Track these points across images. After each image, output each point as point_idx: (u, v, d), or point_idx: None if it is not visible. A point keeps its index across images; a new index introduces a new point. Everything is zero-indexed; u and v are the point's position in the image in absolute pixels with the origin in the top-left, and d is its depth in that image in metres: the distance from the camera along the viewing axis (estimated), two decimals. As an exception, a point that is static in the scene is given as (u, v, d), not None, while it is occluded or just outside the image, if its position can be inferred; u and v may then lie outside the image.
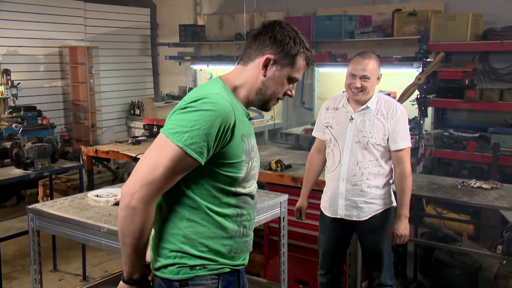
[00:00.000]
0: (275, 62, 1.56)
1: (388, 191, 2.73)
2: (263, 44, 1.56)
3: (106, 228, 2.21)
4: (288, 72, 1.59)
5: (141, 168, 1.45)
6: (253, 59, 1.58)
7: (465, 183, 3.33)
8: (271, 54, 1.56)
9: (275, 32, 1.56)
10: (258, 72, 1.57)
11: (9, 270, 4.19)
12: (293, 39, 1.56)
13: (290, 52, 1.56)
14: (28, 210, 2.51)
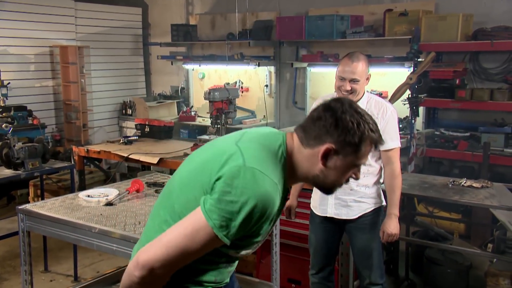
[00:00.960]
0: (337, 152, 1.40)
1: (377, 190, 2.75)
2: (323, 131, 1.40)
3: (98, 229, 2.20)
4: (351, 161, 1.42)
5: (171, 250, 1.35)
6: (312, 145, 1.42)
7: (456, 182, 3.35)
8: (332, 143, 1.39)
9: (337, 117, 1.39)
10: (317, 161, 1.42)
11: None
12: (357, 123, 1.38)
13: (353, 140, 1.39)
14: (18, 211, 2.49)
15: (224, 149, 1.43)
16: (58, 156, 5.66)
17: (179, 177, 1.53)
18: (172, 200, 1.49)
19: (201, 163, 1.46)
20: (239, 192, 1.31)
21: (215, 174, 1.37)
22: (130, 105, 7.08)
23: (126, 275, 1.42)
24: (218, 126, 4.07)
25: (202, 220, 1.34)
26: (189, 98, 7.17)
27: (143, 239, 1.53)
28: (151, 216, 1.60)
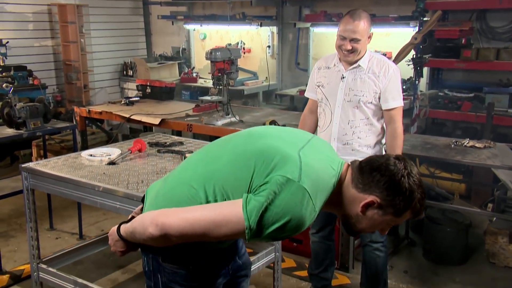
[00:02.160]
0: (379, 207, 1.39)
1: (379, 151, 2.74)
2: (376, 183, 1.37)
3: (102, 187, 2.21)
4: (388, 219, 1.42)
5: (193, 228, 1.36)
6: (360, 189, 1.40)
7: (459, 142, 3.35)
8: (379, 198, 1.37)
9: (394, 179, 1.36)
10: (357, 206, 1.41)
11: (6, 228, 4.23)
12: (410, 192, 1.36)
13: (399, 206, 1.37)
14: (21, 169, 2.50)
15: (284, 150, 1.40)
16: (59, 117, 5.65)
17: (233, 148, 1.49)
18: (216, 166, 1.46)
19: (259, 151, 1.42)
20: (283, 206, 1.32)
21: (267, 173, 1.35)
22: (131, 66, 7.00)
23: (141, 224, 1.43)
24: (220, 87, 4.03)
25: (238, 217, 1.33)
26: (190, 59, 7.08)
27: (168, 187, 1.52)
28: (186, 166, 1.57)
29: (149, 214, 1.44)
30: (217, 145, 1.59)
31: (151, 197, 1.57)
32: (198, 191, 1.44)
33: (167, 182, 1.57)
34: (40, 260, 2.60)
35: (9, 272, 3.48)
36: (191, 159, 1.61)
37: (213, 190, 1.42)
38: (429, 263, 3.63)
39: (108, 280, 3.36)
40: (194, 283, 1.55)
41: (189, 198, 1.44)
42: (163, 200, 1.51)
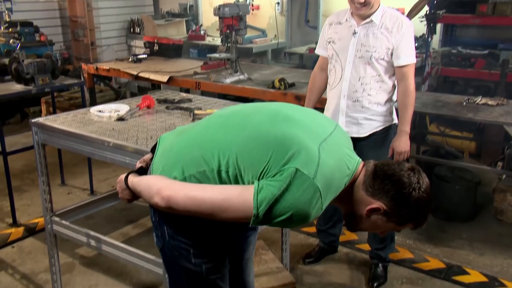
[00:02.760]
0: (384, 214, 1.40)
1: (389, 108, 2.71)
2: (385, 192, 1.37)
3: (112, 143, 2.21)
4: (390, 226, 1.44)
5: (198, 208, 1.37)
6: (369, 192, 1.40)
7: (471, 100, 3.31)
8: (385, 206, 1.38)
9: (404, 192, 1.36)
10: (363, 208, 1.41)
11: (19, 183, 4.32)
12: (417, 206, 1.37)
13: (405, 217, 1.39)
14: (31, 124, 2.51)
15: (306, 142, 1.36)
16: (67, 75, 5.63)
17: (257, 124, 1.43)
18: (236, 138, 1.42)
19: (281, 137, 1.37)
20: (292, 201, 1.30)
21: (284, 163, 1.32)
22: (138, 23, 6.91)
23: (147, 190, 1.45)
24: (228, 45, 3.98)
25: (247, 204, 1.32)
26: (198, 17, 6.96)
27: (184, 144, 1.50)
28: (206, 127, 1.53)
29: (156, 183, 1.44)
30: (241, 114, 1.53)
31: (164, 149, 1.57)
32: (213, 157, 1.41)
33: (183, 138, 1.54)
34: (53, 213, 2.65)
35: (24, 225, 3.58)
36: (212, 121, 1.57)
37: (226, 161, 1.40)
38: (436, 220, 3.66)
39: (119, 234, 3.44)
40: (200, 235, 1.56)
41: (202, 162, 1.43)
42: (176, 156, 1.50)
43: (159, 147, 1.59)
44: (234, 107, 1.63)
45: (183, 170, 1.45)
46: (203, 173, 1.42)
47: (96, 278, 2.96)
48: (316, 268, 3.05)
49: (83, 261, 3.15)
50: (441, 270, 3.02)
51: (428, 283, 2.91)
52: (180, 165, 1.46)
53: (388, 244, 2.91)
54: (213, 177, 1.41)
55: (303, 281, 2.90)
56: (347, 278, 2.96)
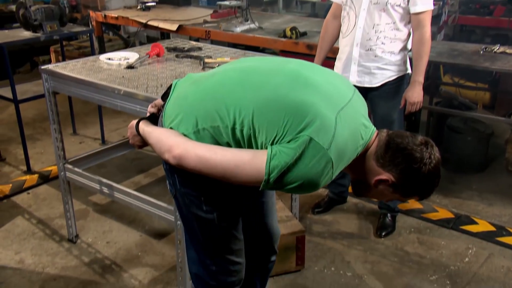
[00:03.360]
0: (392, 185, 1.40)
1: (403, 58, 2.64)
2: (395, 164, 1.37)
3: (123, 91, 2.20)
4: (397, 196, 1.45)
5: (208, 170, 1.37)
6: (379, 163, 1.40)
7: (488, 48, 3.22)
8: (394, 178, 1.38)
9: (414, 167, 1.35)
10: (371, 177, 1.42)
11: (32, 132, 4.37)
12: (425, 181, 1.37)
13: (411, 189, 1.40)
14: (41, 71, 2.50)
15: (323, 111, 1.32)
16: (76, 22, 5.56)
17: (276, 87, 1.39)
18: (254, 97, 1.38)
19: (300, 104, 1.33)
20: (304, 171, 1.29)
21: (300, 130, 1.30)
22: (146, -31, 6.70)
23: (159, 144, 1.45)
24: (239, -8, 3.87)
25: (259, 170, 1.31)
26: (207, -38, 6.74)
27: (201, 96, 1.46)
28: (223, 80, 1.49)
29: (168, 140, 1.42)
30: (260, 72, 1.48)
31: (178, 96, 1.53)
32: (228, 114, 1.38)
33: (200, 89, 1.49)
34: (66, 161, 2.69)
35: (38, 172, 3.65)
36: (230, 75, 1.50)
37: (242, 120, 1.37)
38: (446, 171, 3.66)
39: (131, 183, 3.50)
40: (210, 186, 1.54)
41: (217, 117, 1.40)
42: (191, 107, 1.46)
43: (173, 93, 1.56)
44: (253, 61, 1.58)
45: (197, 122, 1.42)
46: (217, 128, 1.40)
47: (109, 224, 3.04)
48: (325, 217, 3.10)
49: (97, 208, 3.22)
50: (449, 220, 3.05)
51: (436, 232, 2.95)
52: (194, 116, 1.43)
53: (397, 194, 2.93)
54: (227, 134, 1.39)
55: (312, 230, 2.95)
56: (355, 227, 3.01)
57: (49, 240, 2.87)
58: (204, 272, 1.72)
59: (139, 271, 2.60)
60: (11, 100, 3.54)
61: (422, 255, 2.73)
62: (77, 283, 2.50)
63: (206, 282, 1.73)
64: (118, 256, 2.73)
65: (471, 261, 2.68)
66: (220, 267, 1.70)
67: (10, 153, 4.01)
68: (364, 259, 2.69)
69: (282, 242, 2.47)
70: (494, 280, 2.52)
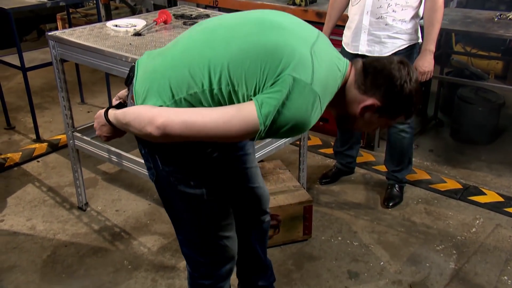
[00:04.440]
0: (378, 110, 1.39)
1: (415, 26, 2.59)
2: (377, 87, 1.37)
3: (130, 58, 2.18)
4: (383, 121, 1.45)
5: (197, 132, 1.29)
6: (362, 90, 1.39)
7: (503, 15, 3.13)
8: (379, 101, 1.38)
9: (397, 84, 1.35)
10: (356, 107, 1.41)
11: (40, 101, 4.38)
12: (409, 98, 1.38)
13: (397, 109, 1.40)
14: (48, 37, 2.48)
15: (298, 48, 1.31)
16: (81, -11, 5.49)
17: (245, 36, 1.35)
18: (226, 52, 1.33)
19: (272, 45, 1.31)
20: (294, 110, 1.27)
21: (279, 72, 1.27)
22: None
23: (137, 120, 1.34)
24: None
25: (251, 122, 1.27)
26: None
27: (169, 65, 1.39)
28: (189, 45, 1.41)
29: (147, 112, 1.33)
30: (225, 26, 1.43)
31: (146, 71, 1.44)
32: (203, 76, 1.33)
33: (167, 60, 1.42)
34: (75, 129, 2.70)
35: (47, 141, 3.68)
36: (194, 38, 1.43)
37: (219, 78, 1.32)
38: (455, 142, 3.64)
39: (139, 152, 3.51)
40: (193, 157, 1.49)
41: (192, 83, 1.34)
42: (162, 78, 1.38)
43: (138, 72, 1.46)
44: (214, 20, 1.51)
45: (172, 93, 1.35)
46: (194, 95, 1.34)
47: (118, 193, 3.07)
48: (332, 188, 3.11)
49: (105, 177, 3.25)
50: (457, 191, 3.05)
51: (443, 203, 2.95)
52: (168, 87, 1.36)
53: (405, 166, 2.92)
54: (205, 99, 1.34)
55: (319, 200, 2.96)
56: (362, 197, 3.01)
57: (60, 208, 2.91)
58: (196, 252, 1.67)
59: (148, 238, 2.63)
60: (19, 68, 3.54)
61: (429, 225, 2.74)
62: (87, 249, 2.55)
63: (199, 261, 1.69)
64: (127, 224, 2.76)
65: (478, 231, 2.69)
66: (211, 245, 1.65)
67: (19, 122, 4.03)
68: (371, 229, 2.70)
69: (290, 212, 2.50)
70: (500, 250, 2.54)
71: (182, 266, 2.41)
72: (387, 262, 2.45)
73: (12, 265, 2.43)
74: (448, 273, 2.39)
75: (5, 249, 2.54)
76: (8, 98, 4.23)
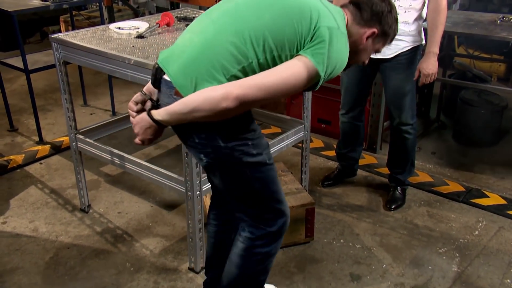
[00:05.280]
0: (377, 36, 1.64)
1: (418, 27, 2.59)
2: (376, 18, 1.62)
3: (133, 60, 2.19)
4: (376, 47, 1.68)
5: (268, 93, 1.44)
6: (362, 24, 1.62)
7: (506, 18, 3.13)
8: (377, 29, 1.63)
9: (387, 12, 1.63)
10: (359, 39, 1.62)
11: (43, 103, 4.40)
12: (396, 22, 1.67)
13: (389, 34, 1.66)
14: (52, 40, 2.49)
15: (314, 4, 1.52)
16: (85, -7, 5.51)
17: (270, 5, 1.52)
18: (260, 23, 1.48)
19: (297, 8, 1.50)
20: (337, 53, 1.49)
21: (313, 28, 1.48)
22: None
23: (207, 100, 1.42)
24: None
25: (311, 73, 1.46)
26: None
27: (206, 46, 1.49)
28: (218, 27, 1.52)
29: (215, 91, 1.42)
30: (246, 5, 1.54)
31: (182, 65, 1.51)
32: (247, 49, 1.46)
33: (204, 45, 1.50)
34: (77, 131, 2.71)
35: (50, 143, 3.69)
36: (221, 21, 1.53)
37: (263, 48, 1.46)
38: (458, 145, 3.64)
39: (141, 154, 3.53)
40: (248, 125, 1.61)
41: (240, 58, 1.46)
42: (209, 62, 1.47)
43: (169, 69, 1.54)
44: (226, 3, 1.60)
45: (223, 73, 1.46)
46: (243, 70, 1.47)
47: (120, 195, 3.07)
48: (335, 190, 3.11)
49: (108, 179, 3.26)
50: (459, 193, 3.04)
51: (446, 206, 2.95)
52: (217, 69, 1.46)
53: (408, 168, 2.92)
54: (252, 69, 1.47)
55: (321, 202, 2.96)
56: (365, 200, 3.01)
57: (62, 210, 2.92)
58: (263, 225, 1.73)
59: (150, 241, 2.64)
60: (22, 70, 3.55)
61: (432, 228, 2.74)
62: (89, 251, 2.56)
63: (268, 233, 1.73)
64: (129, 226, 2.77)
65: (481, 234, 2.69)
66: (275, 211, 1.72)
67: (22, 124, 4.05)
68: (373, 232, 2.71)
69: (292, 214, 2.47)
70: (503, 252, 2.53)
71: (184, 269, 2.42)
72: (389, 265, 2.45)
73: (14, 267, 2.44)
74: (450, 276, 2.38)
75: (7, 250, 2.55)
76: (11, 100, 4.25)
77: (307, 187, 2.94)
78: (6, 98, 3.86)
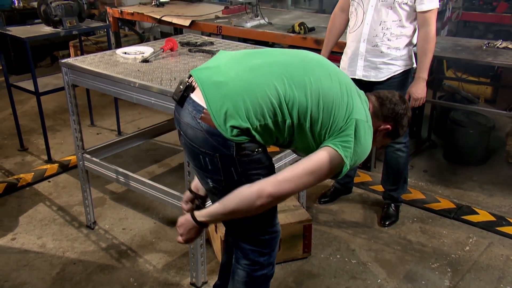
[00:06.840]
0: (388, 133, 1.70)
1: (409, 52, 2.70)
2: (393, 116, 1.67)
3: (138, 83, 2.28)
4: (385, 141, 1.76)
5: (300, 187, 1.53)
6: (379, 119, 1.67)
7: (491, 44, 3.26)
8: (391, 126, 1.68)
9: (403, 113, 1.68)
10: (373, 130, 1.64)
11: (52, 123, 4.53)
12: (408, 125, 1.72)
13: (399, 133, 1.72)
14: (61, 64, 2.62)
15: (350, 94, 1.58)
16: (93, 18, 5.72)
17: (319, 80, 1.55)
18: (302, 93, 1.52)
19: (338, 95, 1.54)
20: (363, 147, 1.55)
21: (347, 117, 1.53)
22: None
23: (243, 201, 1.51)
24: (250, -13, 3.97)
25: (337, 164, 1.52)
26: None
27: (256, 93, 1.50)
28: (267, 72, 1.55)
29: (248, 190, 1.50)
30: (298, 67, 1.58)
31: (223, 94, 1.52)
32: (292, 111, 1.51)
33: (247, 80, 1.53)
34: (84, 151, 2.81)
35: (58, 162, 3.80)
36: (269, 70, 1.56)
37: (300, 116, 1.52)
38: (448, 163, 3.73)
39: (145, 172, 3.63)
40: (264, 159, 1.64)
41: (277, 110, 1.50)
42: (249, 99, 1.49)
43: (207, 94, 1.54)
44: (280, 52, 1.66)
45: (257, 118, 1.50)
46: (275, 122, 1.53)
47: (125, 212, 3.15)
48: (331, 207, 3.17)
49: (113, 196, 3.34)
50: (451, 210, 3.12)
51: (437, 222, 3.02)
52: (258, 111, 1.50)
53: (401, 185, 3.01)
54: (283, 128, 1.54)
55: (318, 219, 3.03)
56: (360, 216, 3.08)
57: (69, 226, 2.99)
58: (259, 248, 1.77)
59: (154, 256, 2.70)
60: (33, 92, 3.67)
61: (424, 243, 2.79)
62: (95, 267, 2.61)
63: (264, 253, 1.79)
64: (133, 242, 2.83)
65: (471, 249, 2.74)
66: (271, 233, 1.78)
67: (32, 143, 4.16)
68: (368, 247, 2.76)
69: (290, 230, 2.54)
70: (493, 268, 2.58)
71: (186, 284, 2.47)
72: (384, 280, 2.50)
73: (22, 282, 2.49)
74: (442, 290, 2.42)
75: (16, 266, 2.61)
76: (22, 121, 4.38)
77: (304, 204, 3.00)
78: (17, 119, 3.98)
